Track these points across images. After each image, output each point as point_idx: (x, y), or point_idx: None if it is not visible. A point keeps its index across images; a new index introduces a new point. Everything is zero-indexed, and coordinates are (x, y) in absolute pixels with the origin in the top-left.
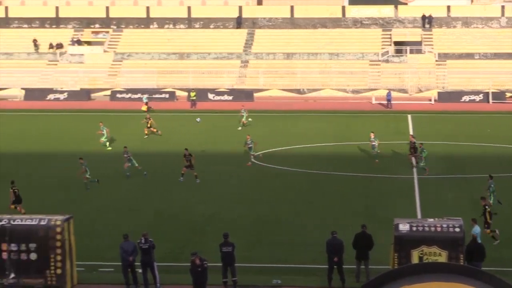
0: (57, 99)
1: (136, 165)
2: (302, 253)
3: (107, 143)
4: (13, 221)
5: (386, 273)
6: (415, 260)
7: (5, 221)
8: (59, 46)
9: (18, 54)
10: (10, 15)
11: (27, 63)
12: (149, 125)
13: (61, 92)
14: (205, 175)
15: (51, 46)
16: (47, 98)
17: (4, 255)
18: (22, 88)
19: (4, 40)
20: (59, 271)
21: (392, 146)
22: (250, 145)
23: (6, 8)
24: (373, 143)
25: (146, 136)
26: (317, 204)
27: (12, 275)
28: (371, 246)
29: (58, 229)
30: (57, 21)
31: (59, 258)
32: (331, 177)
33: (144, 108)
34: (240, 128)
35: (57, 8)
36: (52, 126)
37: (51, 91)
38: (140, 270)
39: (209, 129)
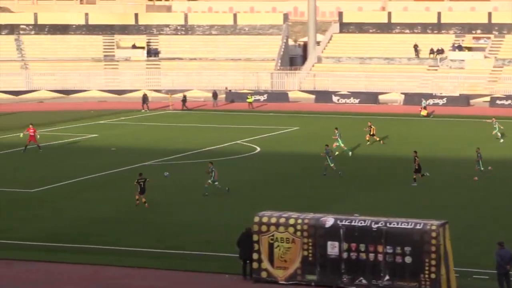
0: (436, 104)
1: (332, 165)
2: None
3: (343, 147)
4: (390, 224)
5: None
6: None
7: (382, 224)
8: (440, 51)
9: (399, 59)
10: (393, 20)
11: (407, 68)
12: (372, 133)
13: (440, 97)
14: None
15: (431, 52)
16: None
17: (380, 257)
18: (402, 93)
19: (386, 45)
20: (433, 275)
21: None
22: (478, 159)
23: (389, 13)
24: None
25: (368, 143)
26: None
27: (387, 277)
28: None
29: (434, 234)
30: (438, 27)
31: (433, 262)
32: None
33: (423, 113)
34: (502, 141)
35: (439, 13)
36: (429, 132)
37: (430, 96)
38: None
39: None
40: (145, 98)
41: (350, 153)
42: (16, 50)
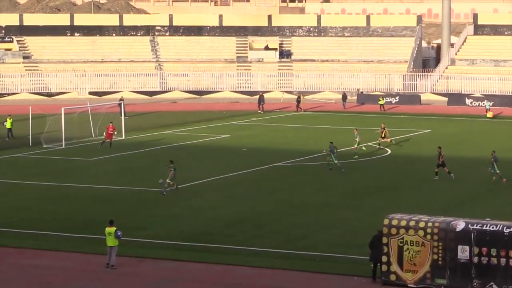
0: None
1: (336, 161)
2: None
3: (361, 147)
4: None
5: None
6: None
7: None
8: None
9: None
10: None
11: None
12: (383, 135)
13: None
14: None
15: None
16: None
17: None
18: None
19: None
20: None
21: None
22: (492, 162)
23: None
24: None
25: (393, 146)
26: None
27: None
28: None
29: None
30: None
31: None
32: None
33: (489, 115)
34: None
35: None
36: None
37: None
38: None
39: None
40: (260, 99)
41: (364, 147)
42: (151, 51)
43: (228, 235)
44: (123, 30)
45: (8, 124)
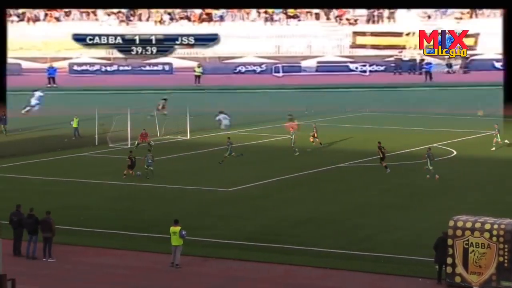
0: None
1: (233, 153)
2: None
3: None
4: None
5: None
6: None
7: None
8: None
9: None
10: None
11: None
12: (314, 135)
13: None
14: None
15: None
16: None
17: None
18: None
19: None
20: None
21: None
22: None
23: None
24: None
25: (309, 148)
26: None
27: None
28: None
29: None
30: None
31: None
32: None
33: (480, 113)
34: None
35: None
36: None
37: None
38: None
39: None
40: None
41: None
42: None
43: (292, 235)
44: None
45: (74, 124)
